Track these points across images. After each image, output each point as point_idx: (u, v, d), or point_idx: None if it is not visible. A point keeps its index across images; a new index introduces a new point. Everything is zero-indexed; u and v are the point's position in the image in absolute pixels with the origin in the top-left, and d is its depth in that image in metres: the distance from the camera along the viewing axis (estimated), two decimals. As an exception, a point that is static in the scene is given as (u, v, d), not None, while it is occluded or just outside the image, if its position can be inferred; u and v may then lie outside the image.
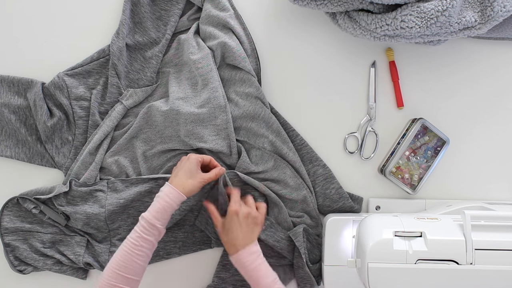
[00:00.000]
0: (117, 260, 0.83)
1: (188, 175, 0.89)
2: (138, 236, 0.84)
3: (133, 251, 0.83)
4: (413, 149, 1.00)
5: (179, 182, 0.88)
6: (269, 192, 1.00)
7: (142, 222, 0.85)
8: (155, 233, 0.86)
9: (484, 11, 0.87)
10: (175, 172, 0.91)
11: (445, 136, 1.00)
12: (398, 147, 0.99)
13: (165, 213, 0.86)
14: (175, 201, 0.87)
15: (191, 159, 0.91)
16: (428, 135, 0.99)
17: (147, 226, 0.85)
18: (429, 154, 1.00)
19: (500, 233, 0.76)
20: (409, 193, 1.00)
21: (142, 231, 0.84)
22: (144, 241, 0.84)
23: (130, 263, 0.83)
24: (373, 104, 1.03)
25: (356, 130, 1.04)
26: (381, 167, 1.02)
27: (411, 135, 0.98)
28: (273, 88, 1.04)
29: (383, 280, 0.75)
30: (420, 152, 1.00)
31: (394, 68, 1.02)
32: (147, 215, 0.85)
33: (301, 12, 1.04)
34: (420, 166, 1.00)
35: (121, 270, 0.82)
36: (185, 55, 1.02)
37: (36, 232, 1.02)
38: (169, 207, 0.87)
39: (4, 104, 1.03)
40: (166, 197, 0.86)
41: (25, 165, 1.05)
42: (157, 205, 0.86)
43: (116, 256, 0.84)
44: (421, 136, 0.99)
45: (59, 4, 1.06)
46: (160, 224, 0.86)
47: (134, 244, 0.84)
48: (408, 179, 1.00)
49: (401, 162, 1.00)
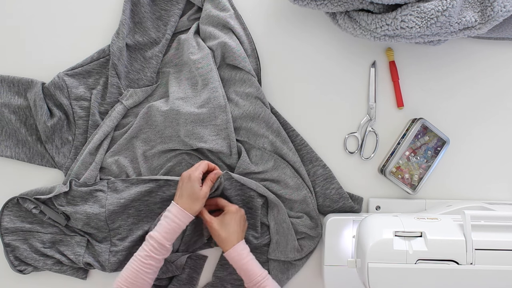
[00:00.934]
0: (125, 277, 0.86)
1: (193, 197, 0.91)
2: (147, 255, 0.87)
3: (142, 269, 0.86)
4: (413, 149, 1.00)
5: (187, 205, 0.90)
6: (268, 193, 1.00)
7: (152, 241, 0.88)
8: (164, 252, 0.88)
9: (484, 11, 0.87)
10: (180, 193, 0.92)
11: (445, 136, 1.00)
12: (398, 147, 0.99)
13: (175, 233, 0.89)
14: (184, 222, 0.90)
15: (192, 180, 0.91)
16: (428, 135, 0.99)
17: (156, 246, 0.87)
18: (429, 154, 1.00)
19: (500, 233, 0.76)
20: (409, 193, 1.00)
21: (151, 250, 0.87)
22: (153, 259, 0.87)
23: (138, 280, 0.86)
24: (373, 104, 1.03)
25: (356, 130, 1.04)
26: (381, 167, 1.02)
27: (411, 135, 0.98)
28: (273, 88, 1.04)
29: (383, 280, 0.75)
30: (420, 152, 1.00)
31: (394, 68, 1.02)
32: (156, 236, 0.88)
33: (301, 12, 1.04)
34: (420, 166, 1.00)
35: (129, 286, 0.85)
36: (185, 55, 1.02)
37: (36, 232, 1.02)
38: (179, 228, 0.90)
39: (4, 104, 1.03)
40: (176, 219, 0.89)
41: (25, 165, 1.05)
42: (167, 226, 0.89)
43: (124, 273, 0.87)
44: (421, 136, 0.99)
45: (59, 4, 1.06)
46: (169, 244, 0.89)
47: (143, 263, 0.86)
48: (408, 179, 1.00)
49: (401, 162, 1.00)
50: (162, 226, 0.89)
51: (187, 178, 0.92)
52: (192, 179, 0.91)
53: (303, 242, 1.01)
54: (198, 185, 0.91)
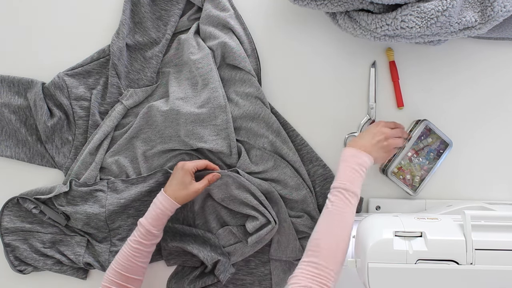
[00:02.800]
0: (118, 260, 0.90)
1: (181, 186, 0.92)
2: (135, 240, 0.89)
3: (132, 253, 0.89)
4: (415, 150, 1.00)
5: (172, 192, 0.91)
6: (272, 189, 0.99)
7: (140, 227, 0.90)
8: (151, 238, 0.90)
9: (484, 11, 0.87)
10: (170, 180, 0.94)
11: (448, 139, 1.00)
12: (401, 148, 0.99)
13: (160, 220, 0.91)
14: (169, 209, 0.91)
15: (185, 169, 0.93)
16: (431, 137, 0.99)
17: (144, 232, 0.89)
18: (431, 156, 1.00)
19: (500, 233, 0.76)
20: (410, 194, 1.00)
21: (139, 236, 0.90)
22: (142, 245, 0.89)
23: (130, 263, 0.89)
24: (373, 104, 1.03)
25: (356, 130, 1.04)
26: (382, 167, 1.02)
27: (415, 136, 0.98)
28: (273, 88, 1.04)
29: (383, 280, 0.75)
30: (423, 154, 1.00)
31: (394, 68, 1.02)
32: (144, 222, 0.90)
33: (301, 12, 1.04)
34: (422, 168, 1.00)
35: (122, 269, 0.88)
36: (185, 55, 1.02)
37: (36, 232, 1.02)
38: (164, 215, 0.91)
39: (4, 104, 1.03)
40: (161, 205, 0.90)
41: (25, 165, 1.05)
42: (153, 212, 0.91)
43: (118, 256, 0.90)
44: (424, 138, 0.99)
45: (59, 4, 1.06)
46: (156, 230, 0.90)
47: (132, 247, 0.89)
48: (410, 180, 1.00)
49: (403, 163, 1.00)
50: (149, 213, 0.91)
51: (180, 167, 0.93)
52: (185, 169, 0.92)
53: (304, 241, 1.01)
54: (189, 176, 0.92)
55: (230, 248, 1.00)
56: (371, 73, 1.03)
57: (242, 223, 1.01)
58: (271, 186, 1.00)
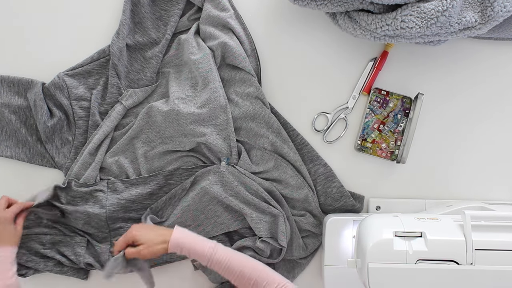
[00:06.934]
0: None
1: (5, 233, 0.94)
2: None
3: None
4: (381, 120, 1.01)
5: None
6: (273, 188, 1.00)
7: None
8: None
9: (484, 11, 0.87)
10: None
11: (409, 93, 1.00)
12: (365, 122, 1.01)
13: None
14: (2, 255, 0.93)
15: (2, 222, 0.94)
16: (391, 101, 1.00)
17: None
18: (398, 117, 1.01)
19: (500, 233, 0.76)
20: (391, 159, 1.01)
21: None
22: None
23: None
24: (357, 95, 1.03)
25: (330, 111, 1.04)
26: (355, 145, 1.02)
27: (375, 106, 1.00)
28: (273, 88, 1.05)
29: (383, 280, 0.75)
30: (389, 120, 1.01)
31: (384, 58, 1.01)
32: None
33: (301, 12, 1.04)
34: (394, 132, 1.01)
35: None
36: (185, 55, 1.02)
37: (35, 235, 1.01)
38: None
39: (5, 104, 1.03)
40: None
41: (25, 165, 1.05)
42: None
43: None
44: (386, 105, 1.00)
45: (59, 4, 1.06)
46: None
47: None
48: (386, 148, 1.01)
49: (373, 136, 1.01)
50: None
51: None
52: (1, 221, 0.94)
53: (308, 240, 1.02)
54: (9, 224, 0.94)
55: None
56: (367, 66, 1.03)
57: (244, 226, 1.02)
58: (272, 186, 1.00)
